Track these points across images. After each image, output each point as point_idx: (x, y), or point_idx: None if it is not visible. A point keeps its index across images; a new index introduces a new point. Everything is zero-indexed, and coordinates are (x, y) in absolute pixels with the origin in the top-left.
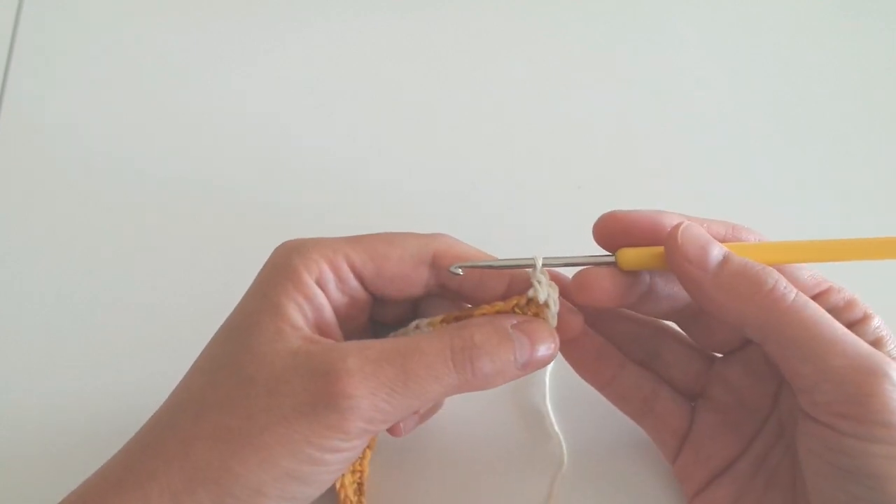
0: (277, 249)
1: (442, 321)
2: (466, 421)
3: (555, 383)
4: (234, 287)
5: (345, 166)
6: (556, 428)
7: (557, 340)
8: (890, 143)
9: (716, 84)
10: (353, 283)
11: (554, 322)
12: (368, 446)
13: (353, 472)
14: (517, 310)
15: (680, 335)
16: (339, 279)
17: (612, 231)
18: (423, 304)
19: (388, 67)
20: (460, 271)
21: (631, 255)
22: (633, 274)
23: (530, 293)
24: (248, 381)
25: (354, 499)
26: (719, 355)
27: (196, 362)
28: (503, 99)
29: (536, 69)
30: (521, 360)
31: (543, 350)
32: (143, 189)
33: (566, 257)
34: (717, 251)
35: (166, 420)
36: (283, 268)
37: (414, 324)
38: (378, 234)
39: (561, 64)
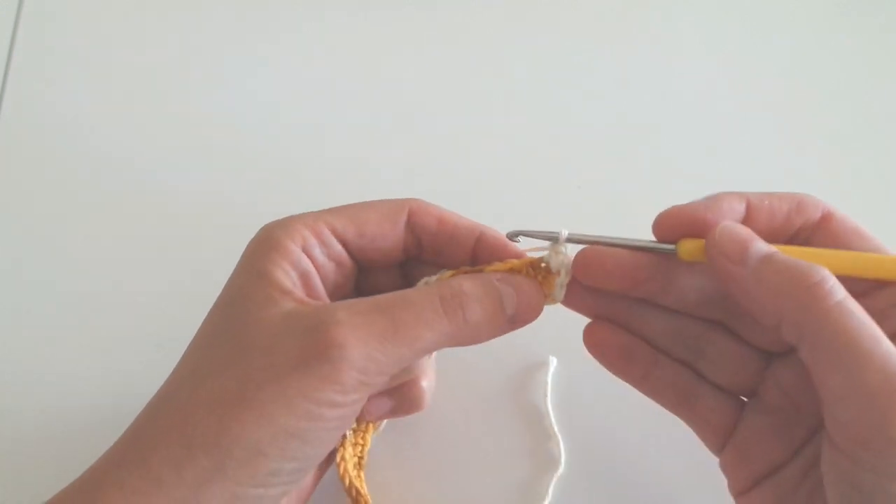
0: (260, 229)
1: (451, 276)
2: (467, 418)
3: (557, 384)
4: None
5: (343, 167)
6: (556, 428)
7: (542, 298)
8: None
9: (717, 83)
10: (337, 246)
11: (560, 294)
12: (371, 422)
13: (355, 444)
14: (529, 270)
15: (731, 331)
16: (323, 243)
17: (673, 226)
18: (410, 273)
19: (386, 69)
20: (519, 239)
21: (691, 247)
22: (642, 259)
23: (545, 257)
24: (244, 347)
25: (354, 472)
26: (775, 355)
27: (192, 341)
28: (503, 99)
29: (536, 69)
30: (510, 309)
31: (529, 301)
32: (142, 188)
33: (627, 239)
34: (759, 247)
35: (164, 394)
36: (266, 240)
37: (423, 281)
38: (356, 202)
39: (561, 64)
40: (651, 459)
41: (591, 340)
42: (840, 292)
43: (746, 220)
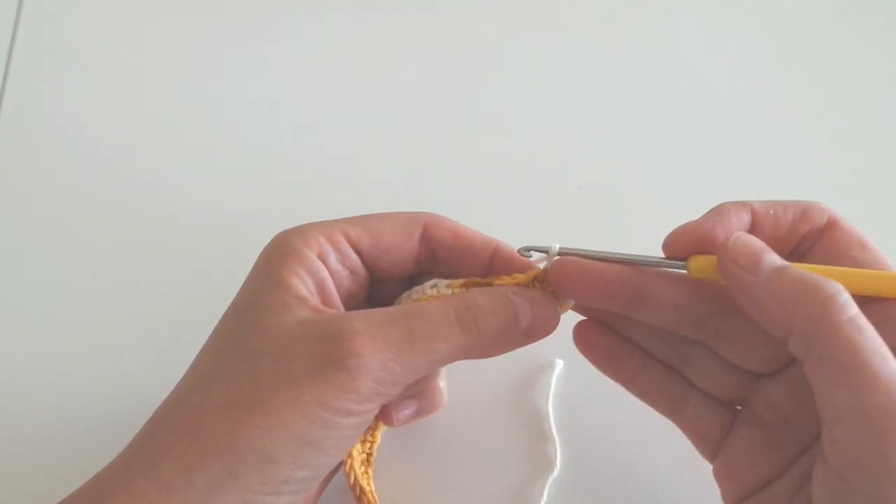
0: (275, 236)
1: (462, 285)
2: (467, 416)
3: (561, 387)
4: (235, 281)
5: (343, 167)
6: (554, 430)
7: (558, 311)
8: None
9: (717, 83)
10: (352, 255)
11: (567, 306)
12: (390, 424)
13: (364, 441)
14: (536, 283)
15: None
16: (339, 251)
17: (683, 244)
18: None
19: (386, 69)
20: (531, 254)
21: (702, 263)
22: (615, 272)
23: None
24: (257, 353)
25: (361, 469)
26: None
27: (204, 345)
28: (503, 99)
29: (536, 69)
30: (524, 322)
31: (545, 315)
32: (142, 187)
33: (638, 256)
34: (772, 259)
35: (175, 398)
36: (282, 246)
37: (432, 282)
38: (371, 213)
39: (561, 64)
40: (646, 467)
41: (580, 340)
42: (853, 308)
43: (752, 230)
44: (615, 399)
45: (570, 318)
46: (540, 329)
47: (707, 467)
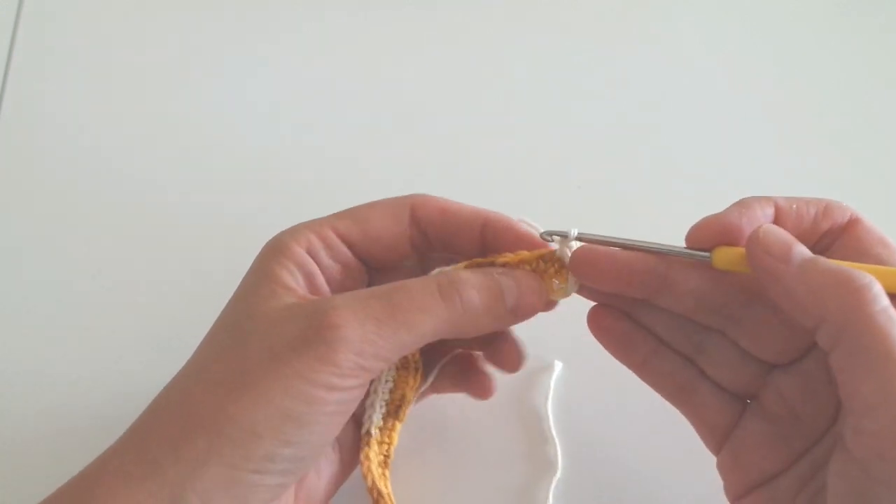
0: (270, 238)
1: (465, 268)
2: (466, 418)
3: (560, 389)
4: (235, 282)
5: (343, 167)
6: (554, 432)
7: (543, 291)
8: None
9: (717, 83)
10: (342, 249)
11: (572, 288)
12: (398, 418)
13: (381, 443)
14: (541, 262)
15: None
16: (328, 247)
17: (708, 235)
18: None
19: (386, 69)
20: (554, 239)
21: (727, 254)
22: (637, 261)
23: (558, 251)
24: (246, 336)
25: (378, 471)
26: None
27: (203, 338)
28: (503, 99)
29: (536, 69)
30: (510, 300)
31: (531, 293)
32: (142, 187)
33: (660, 245)
34: (803, 249)
35: (169, 386)
36: (274, 245)
37: (436, 271)
38: (359, 205)
39: (561, 64)
40: (647, 468)
41: (594, 324)
42: (885, 299)
43: (775, 224)
44: (614, 400)
45: (570, 320)
46: (527, 308)
47: (709, 468)
